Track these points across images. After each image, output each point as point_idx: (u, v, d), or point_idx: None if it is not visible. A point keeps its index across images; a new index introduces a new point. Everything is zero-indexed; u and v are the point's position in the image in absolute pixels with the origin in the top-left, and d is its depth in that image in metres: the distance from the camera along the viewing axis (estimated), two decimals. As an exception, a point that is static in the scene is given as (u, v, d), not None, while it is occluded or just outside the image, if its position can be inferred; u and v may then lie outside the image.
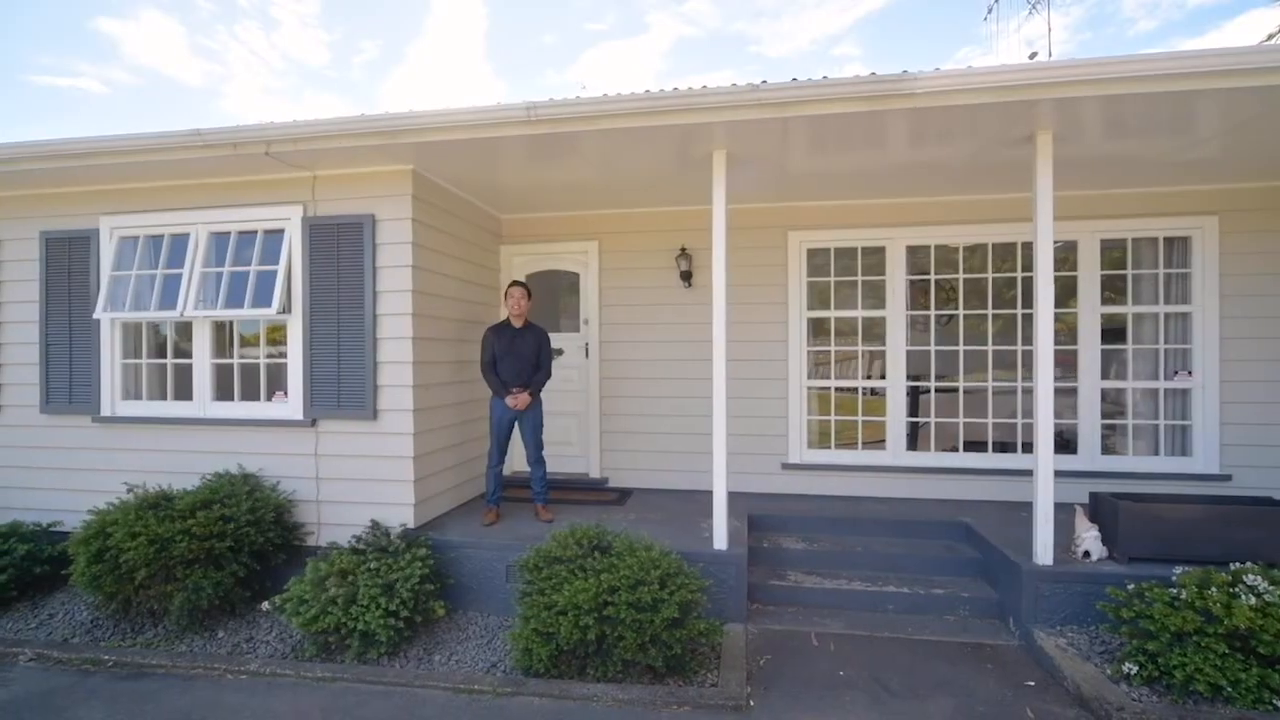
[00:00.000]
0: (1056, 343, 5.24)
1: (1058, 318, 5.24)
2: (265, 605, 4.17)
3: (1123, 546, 3.78)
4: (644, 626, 3.24)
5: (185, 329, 4.88)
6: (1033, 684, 3.34)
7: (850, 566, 4.54)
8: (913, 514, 4.96)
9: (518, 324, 4.83)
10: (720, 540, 4.12)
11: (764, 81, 3.42)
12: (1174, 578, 3.27)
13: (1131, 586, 3.37)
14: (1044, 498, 3.76)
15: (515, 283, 4.88)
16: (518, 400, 4.68)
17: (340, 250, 4.49)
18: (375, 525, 4.34)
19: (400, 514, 4.43)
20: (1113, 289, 5.24)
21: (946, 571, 4.45)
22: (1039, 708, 3.12)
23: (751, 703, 3.19)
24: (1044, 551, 3.76)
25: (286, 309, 4.55)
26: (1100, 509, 4.00)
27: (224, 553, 4.01)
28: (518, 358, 4.76)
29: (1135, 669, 3.10)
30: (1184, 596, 3.11)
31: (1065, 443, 5.21)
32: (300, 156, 4.24)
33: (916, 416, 5.50)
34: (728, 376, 5.56)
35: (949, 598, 4.16)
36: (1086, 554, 3.85)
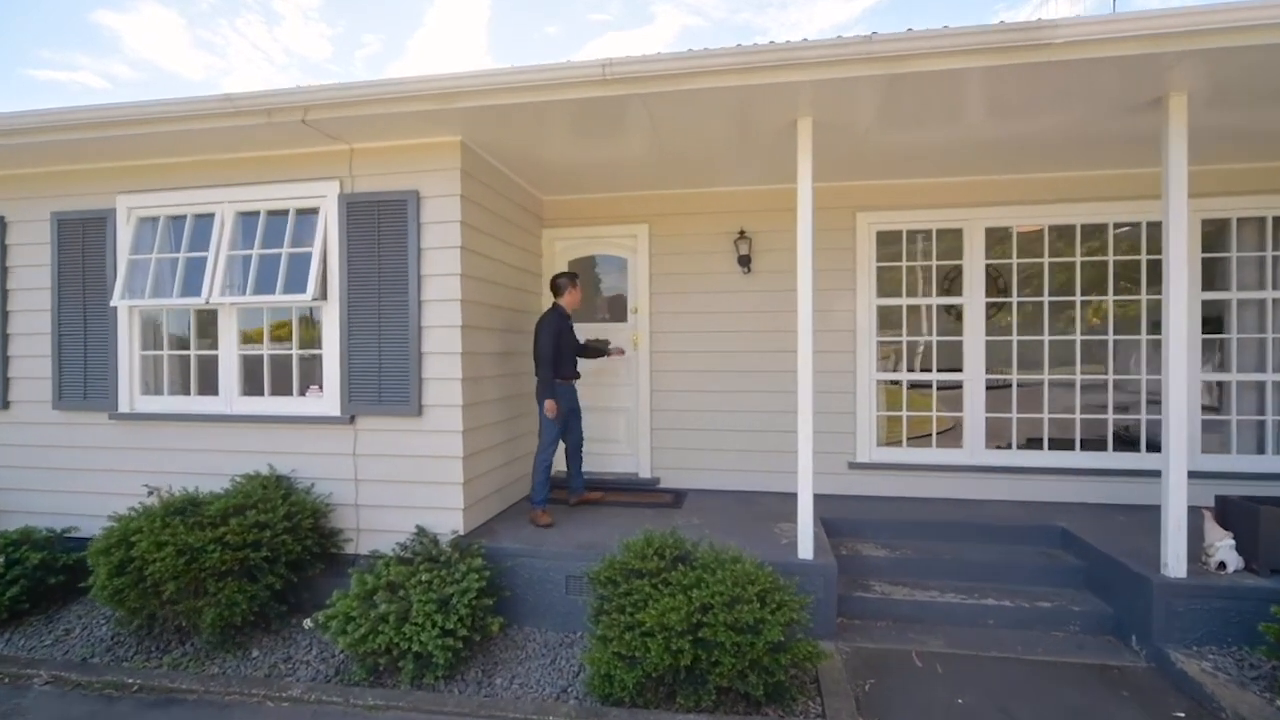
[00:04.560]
0: (1145, 331, 4.85)
1: (1154, 306, 4.84)
2: (307, 623, 3.78)
3: (1264, 557, 3.39)
4: (744, 650, 2.85)
5: (210, 319, 4.49)
6: (1182, 715, 2.95)
7: (940, 576, 4.15)
8: (999, 517, 4.57)
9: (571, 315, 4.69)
10: (806, 549, 3.73)
11: (874, 33, 3.01)
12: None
13: (1292, 604, 2.98)
14: (1176, 502, 3.36)
15: (573, 274, 4.68)
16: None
17: (381, 230, 4.09)
18: (422, 532, 3.96)
19: (449, 519, 4.04)
20: (1209, 273, 4.82)
21: (1047, 581, 4.05)
22: (1201, 744, 2.74)
23: (870, 738, 2.81)
24: (1176, 563, 3.36)
25: (322, 295, 4.15)
26: (1231, 514, 3.60)
27: (259, 564, 3.62)
28: (573, 349, 4.67)
29: (1313, 701, 2.71)
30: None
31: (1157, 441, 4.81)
32: (338, 126, 3.84)
33: (996, 412, 5.09)
34: (787, 370, 5.19)
35: (1056, 612, 3.76)
36: (1221, 565, 3.46)
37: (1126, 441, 4.93)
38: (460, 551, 3.74)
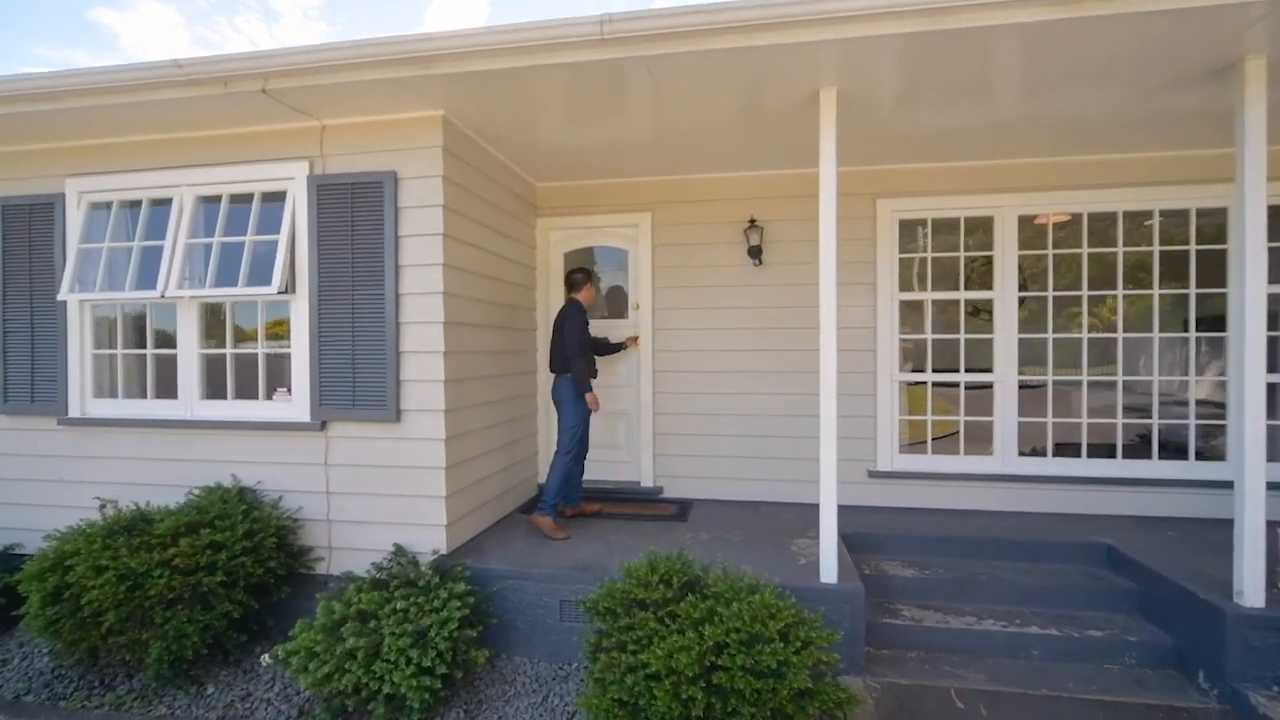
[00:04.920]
0: (1193, 329, 4.45)
1: (1203, 301, 4.44)
2: (265, 659, 3.38)
3: (1353, 583, 2.98)
4: (765, 698, 2.45)
5: (170, 314, 4.08)
6: (1273, 771, 2.55)
7: (975, 599, 3.75)
8: (1037, 532, 4.16)
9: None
10: (829, 570, 3.33)
11: (914, -19, 2.61)
12: None
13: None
14: (1253, 520, 2.96)
15: (588, 269, 4.43)
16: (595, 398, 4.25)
17: (355, 216, 3.68)
18: (400, 551, 3.56)
19: (430, 537, 3.64)
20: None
21: (1096, 606, 3.65)
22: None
23: (913, 802, 2.40)
24: (1253, 591, 2.96)
25: (289, 288, 3.74)
26: (1310, 534, 3.19)
27: (214, 589, 3.21)
28: (592, 346, 4.40)
29: None
30: None
31: (1209, 448, 4.42)
32: (304, 97, 3.43)
33: (1029, 416, 4.68)
34: (802, 370, 4.80)
35: (1109, 642, 3.36)
36: (1302, 592, 3.05)
37: (1173, 449, 4.53)
38: (441, 574, 3.33)
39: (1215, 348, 4.53)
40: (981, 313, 4.92)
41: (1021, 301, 4.60)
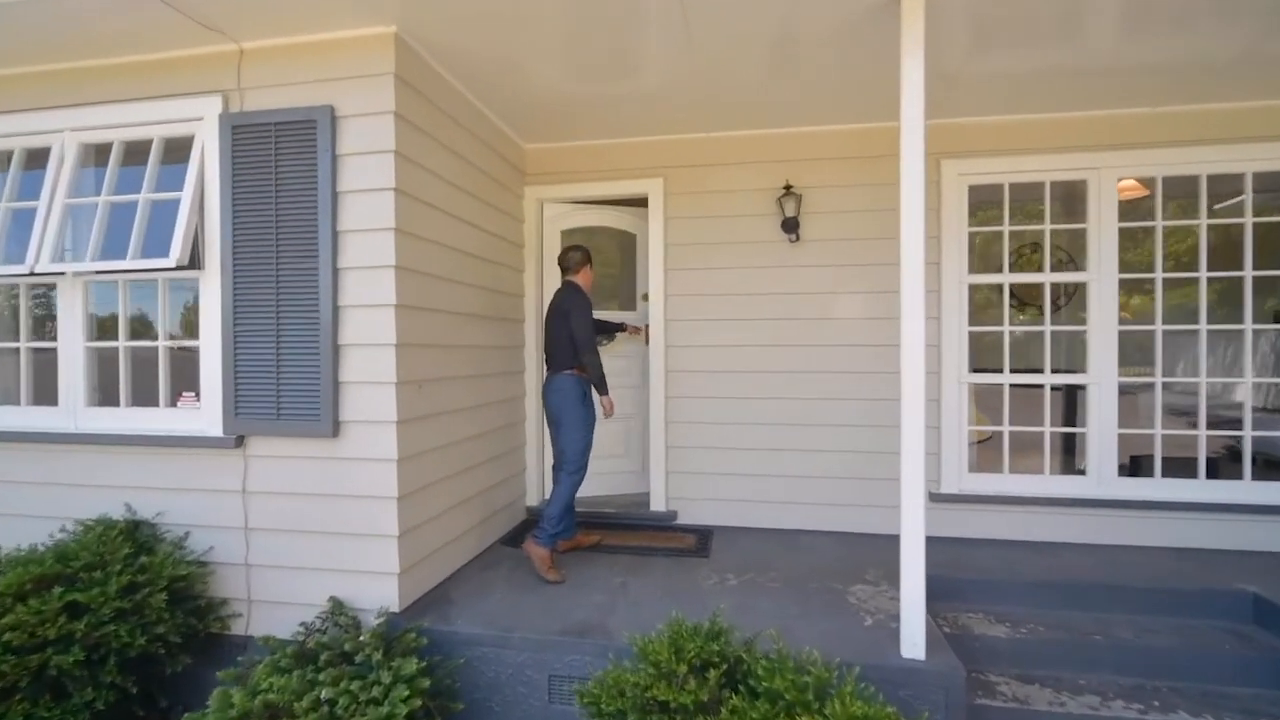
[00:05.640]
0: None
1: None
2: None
3: None
4: None
5: (50, 298, 3.20)
6: None
7: (1091, 667, 2.87)
8: (1156, 576, 3.29)
9: None
10: (914, 642, 2.45)
11: None
12: None
13: None
14: None
15: (584, 248, 3.57)
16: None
17: (281, 167, 2.80)
18: (338, 609, 2.69)
19: (377, 590, 2.76)
20: None
21: (1254, 679, 2.77)
22: None
23: None
24: None
25: (195, 261, 2.86)
26: None
27: (69, 670, 2.33)
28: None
29: None
30: None
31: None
32: (217, 5, 2.56)
33: (1128, 427, 3.81)
34: (849, 370, 3.94)
35: (1288, 735, 2.49)
36: None
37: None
38: (388, 645, 2.46)
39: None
40: (1054, 301, 4.08)
41: (1177, 287, 3.72)
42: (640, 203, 4.31)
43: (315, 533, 2.83)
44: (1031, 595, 3.28)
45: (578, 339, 3.27)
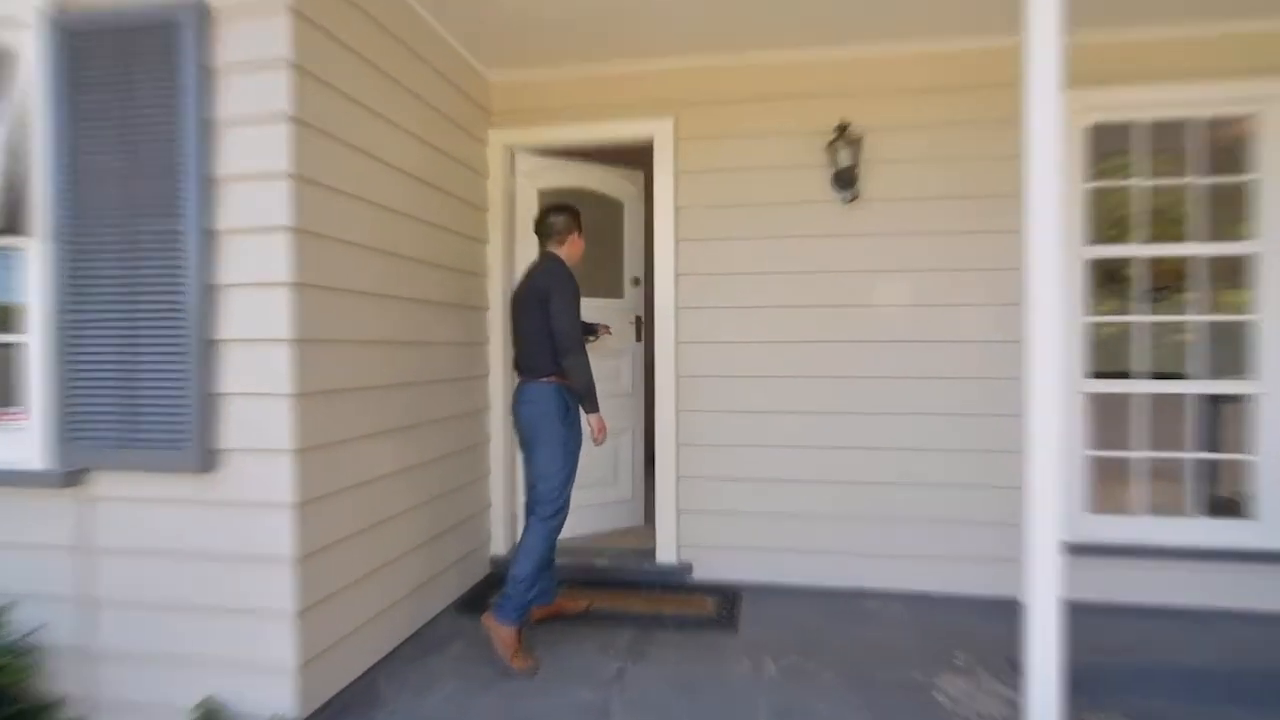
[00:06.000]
0: None
1: None
2: None
3: None
4: None
5: None
6: None
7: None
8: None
9: None
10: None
11: None
12: None
13: None
14: None
15: (572, 208, 2.69)
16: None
17: (133, 88, 1.97)
18: (214, 716, 1.84)
19: (269, 688, 1.91)
20: None
21: None
22: None
23: None
24: None
25: (13, 223, 2.03)
26: None
27: None
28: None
29: None
30: None
31: None
32: None
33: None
34: (923, 374, 3.02)
35: None
36: None
37: None
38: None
39: None
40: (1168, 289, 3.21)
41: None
42: (631, 160, 3.44)
43: (182, 608, 1.98)
44: (1182, 687, 2.37)
45: (560, 334, 2.41)
